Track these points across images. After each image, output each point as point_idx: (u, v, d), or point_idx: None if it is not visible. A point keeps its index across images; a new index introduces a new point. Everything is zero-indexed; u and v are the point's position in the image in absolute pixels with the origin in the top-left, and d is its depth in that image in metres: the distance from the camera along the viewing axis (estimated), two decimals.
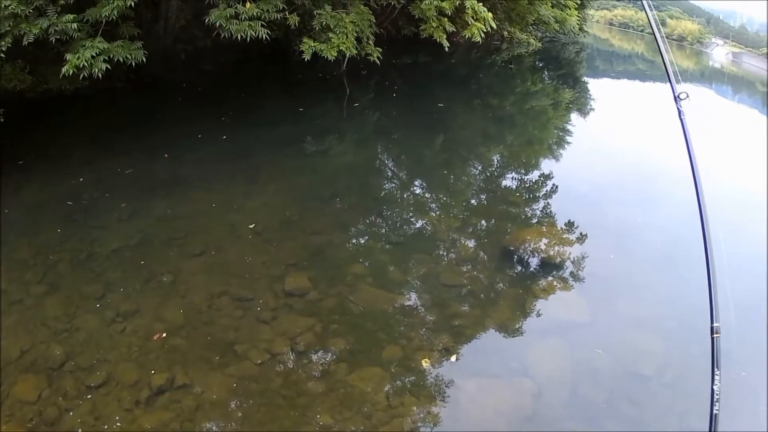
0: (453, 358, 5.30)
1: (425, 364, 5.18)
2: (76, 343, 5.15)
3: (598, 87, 23.21)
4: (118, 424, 4.43)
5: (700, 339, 5.39)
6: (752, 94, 36.32)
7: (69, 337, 5.21)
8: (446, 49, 13.39)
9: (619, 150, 12.45)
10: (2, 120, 7.95)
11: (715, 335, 3.07)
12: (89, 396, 4.64)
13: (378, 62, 13.03)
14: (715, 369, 3.03)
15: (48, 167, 8.39)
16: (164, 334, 5.32)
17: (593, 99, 18.78)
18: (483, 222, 8.21)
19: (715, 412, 2.92)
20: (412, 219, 8.12)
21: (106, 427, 4.39)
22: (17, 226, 6.82)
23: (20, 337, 5.14)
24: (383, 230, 7.82)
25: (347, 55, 12.12)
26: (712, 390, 2.98)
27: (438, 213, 8.42)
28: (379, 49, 12.92)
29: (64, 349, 5.04)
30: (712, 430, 2.96)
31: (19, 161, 8.39)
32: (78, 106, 10.84)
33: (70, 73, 8.29)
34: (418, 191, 9.49)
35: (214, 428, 4.49)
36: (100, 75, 8.40)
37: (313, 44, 11.52)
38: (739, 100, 32.22)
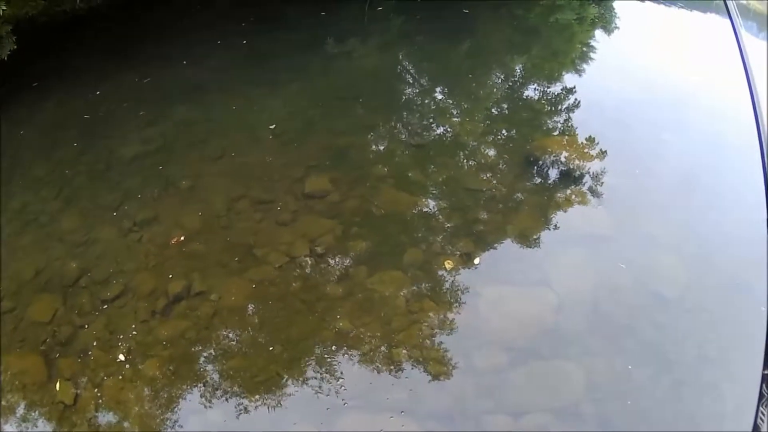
0: (476, 261, 4.99)
1: (448, 266, 4.89)
2: (92, 256, 5.01)
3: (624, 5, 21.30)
4: (134, 334, 4.31)
5: (720, 268, 5.12)
6: None
7: (85, 251, 5.07)
8: None
9: (643, 70, 11.30)
10: (15, 47, 7.62)
11: None
12: (105, 308, 4.53)
13: None
14: None
15: (64, 86, 8.06)
16: (182, 238, 5.14)
17: (618, 18, 17.32)
18: (505, 129, 7.62)
19: None
20: (435, 123, 7.55)
21: (121, 337, 4.28)
22: (33, 145, 6.64)
23: (35, 257, 5.03)
24: (405, 133, 7.29)
25: None
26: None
27: (461, 118, 7.80)
28: None
29: (79, 264, 4.91)
30: None
31: (34, 83, 8.09)
32: (93, 25, 10.40)
33: None
34: (441, 96, 8.85)
35: (231, 335, 4.33)
36: None
37: None
38: (763, 37, 29.29)
